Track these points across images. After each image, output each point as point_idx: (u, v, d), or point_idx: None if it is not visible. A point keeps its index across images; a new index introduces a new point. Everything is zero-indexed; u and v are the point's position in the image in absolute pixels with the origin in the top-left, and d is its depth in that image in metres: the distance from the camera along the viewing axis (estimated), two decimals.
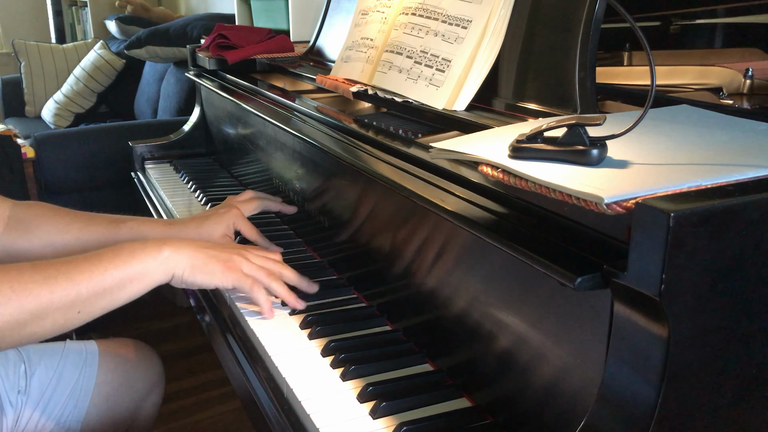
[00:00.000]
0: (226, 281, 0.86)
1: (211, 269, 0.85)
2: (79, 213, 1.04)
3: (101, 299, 0.76)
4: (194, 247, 0.86)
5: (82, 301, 0.75)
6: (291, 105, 1.16)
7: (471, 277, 0.70)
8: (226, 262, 0.86)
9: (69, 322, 0.75)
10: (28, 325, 0.72)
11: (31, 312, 0.71)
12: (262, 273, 0.89)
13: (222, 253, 0.87)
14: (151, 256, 0.81)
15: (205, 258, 0.85)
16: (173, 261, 0.83)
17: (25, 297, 0.71)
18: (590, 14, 0.76)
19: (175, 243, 0.84)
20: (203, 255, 0.85)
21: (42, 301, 0.72)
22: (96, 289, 0.75)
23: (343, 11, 1.34)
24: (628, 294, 0.49)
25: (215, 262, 0.86)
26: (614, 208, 0.48)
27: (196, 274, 0.84)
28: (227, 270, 0.86)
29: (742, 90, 0.88)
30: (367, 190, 0.91)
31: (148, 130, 2.40)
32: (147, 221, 1.06)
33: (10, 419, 0.99)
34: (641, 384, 0.49)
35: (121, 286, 0.78)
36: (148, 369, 1.14)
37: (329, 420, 0.69)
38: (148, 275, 0.80)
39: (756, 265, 0.49)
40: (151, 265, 0.81)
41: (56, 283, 0.73)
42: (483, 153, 0.63)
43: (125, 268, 0.78)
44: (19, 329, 0.71)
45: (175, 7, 4.06)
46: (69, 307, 0.74)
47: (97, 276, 0.76)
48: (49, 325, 0.73)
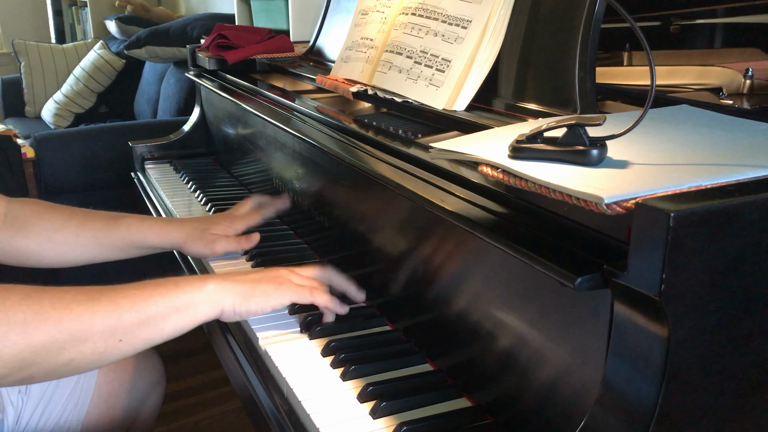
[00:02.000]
0: (283, 298, 0.82)
1: (263, 291, 0.81)
2: (76, 209, 1.03)
3: (145, 328, 0.73)
4: (238, 279, 0.81)
5: (125, 328, 0.71)
6: (291, 105, 1.16)
7: (471, 277, 0.70)
8: (275, 279, 0.82)
9: (110, 351, 0.71)
10: (66, 349, 0.67)
11: (71, 333, 0.67)
12: (314, 283, 0.85)
13: (267, 273, 0.83)
14: (197, 288, 0.77)
15: (252, 284, 0.81)
16: (219, 294, 0.78)
17: (66, 315, 0.67)
18: (590, 14, 0.76)
19: (218, 277, 0.81)
20: (249, 281, 0.81)
21: (83, 322, 0.68)
22: (140, 315, 0.72)
23: (343, 11, 1.34)
24: (628, 294, 0.49)
25: (265, 283, 0.81)
26: (614, 208, 0.48)
27: (250, 302, 0.80)
28: (280, 287, 0.82)
29: (742, 90, 0.88)
30: (367, 190, 0.91)
31: (148, 130, 2.40)
32: (145, 218, 1.06)
33: (10, 419, 0.99)
34: (641, 384, 0.49)
35: (166, 315, 0.74)
36: (148, 369, 1.14)
37: (329, 420, 0.69)
38: (194, 307, 0.77)
39: (756, 265, 0.49)
40: (198, 297, 0.77)
41: (99, 305, 0.69)
42: (483, 153, 0.63)
43: (171, 297, 0.75)
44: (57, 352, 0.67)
45: (175, 7, 4.06)
46: (111, 333, 0.70)
47: (141, 302, 0.72)
48: (89, 351, 0.69)
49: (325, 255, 1.07)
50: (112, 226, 1.02)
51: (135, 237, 1.02)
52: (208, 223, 1.07)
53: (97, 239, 1.01)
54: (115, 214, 1.04)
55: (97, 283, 0.74)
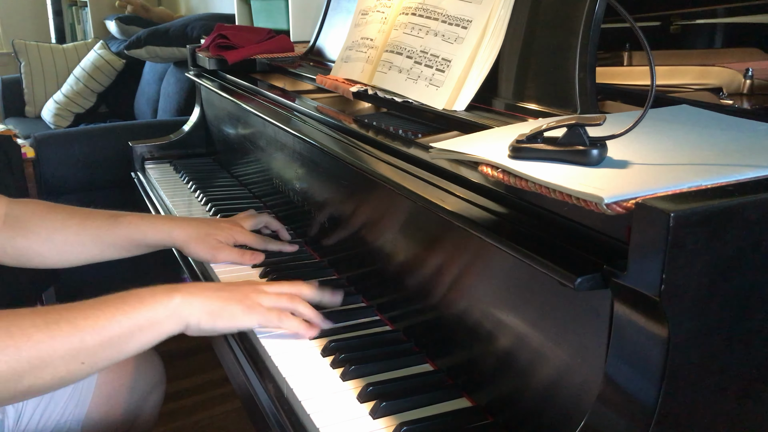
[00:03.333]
0: (250, 321, 0.80)
1: (230, 312, 0.79)
2: (76, 209, 1.02)
3: (107, 349, 0.71)
4: (207, 292, 0.79)
5: (86, 351, 0.69)
6: (291, 105, 1.16)
7: (471, 277, 0.70)
8: (243, 301, 0.80)
9: (71, 375, 0.69)
10: (26, 377, 0.65)
11: (29, 360, 0.65)
12: (284, 299, 0.83)
13: (237, 292, 0.81)
14: (161, 303, 0.75)
15: (220, 302, 0.78)
16: (186, 309, 0.76)
17: (24, 343, 0.64)
18: (590, 14, 0.76)
19: (186, 289, 0.78)
20: (218, 299, 0.79)
21: (42, 349, 0.65)
22: (101, 337, 0.69)
23: (343, 11, 1.34)
24: (628, 294, 0.49)
25: (233, 303, 0.79)
26: (614, 208, 0.48)
27: (216, 320, 0.78)
28: (248, 309, 0.80)
29: (742, 90, 0.88)
30: (367, 190, 0.91)
31: (148, 130, 2.40)
32: (146, 216, 1.05)
33: (11, 419, 0.99)
34: (641, 384, 0.49)
35: (129, 335, 0.72)
36: (148, 369, 1.14)
37: (329, 420, 0.69)
38: (158, 324, 0.74)
39: (756, 265, 0.49)
40: (162, 313, 0.74)
41: (58, 329, 0.67)
42: (483, 153, 0.63)
43: (133, 315, 0.72)
44: (16, 381, 0.64)
45: (175, 7, 4.06)
46: (72, 357, 0.68)
47: (103, 322, 0.70)
48: (48, 377, 0.67)
49: (325, 255, 1.07)
50: (113, 224, 1.01)
51: (135, 235, 1.01)
52: (212, 227, 1.05)
53: (98, 238, 1.00)
54: (116, 212, 1.03)
55: (99, 282, 0.73)
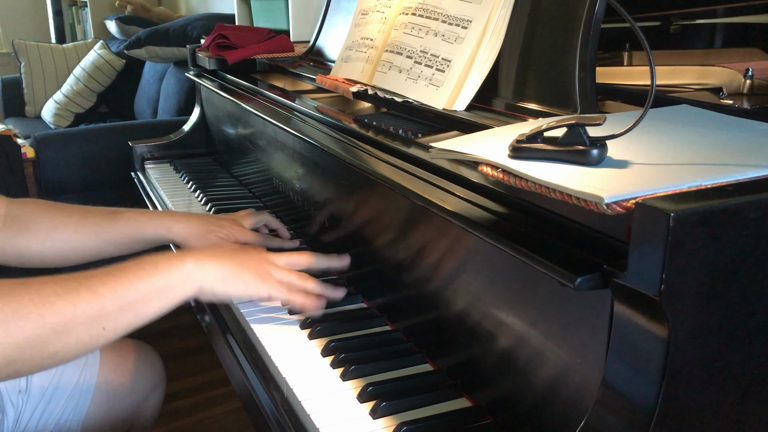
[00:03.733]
0: (261, 291, 0.82)
1: (244, 279, 0.81)
2: (75, 207, 1.03)
3: (126, 313, 0.72)
4: (219, 257, 0.80)
5: (107, 316, 0.71)
6: (291, 105, 1.16)
7: (471, 277, 0.70)
8: (256, 269, 0.82)
9: (94, 340, 0.71)
10: (51, 342, 0.67)
11: (53, 327, 0.67)
12: (294, 276, 0.85)
13: (249, 260, 0.83)
14: (176, 268, 0.77)
15: (234, 268, 0.80)
16: (199, 274, 0.78)
17: (47, 310, 0.66)
18: (590, 14, 0.76)
19: (197, 254, 0.80)
20: (232, 264, 0.81)
21: (65, 315, 0.67)
22: (120, 302, 0.71)
23: (343, 11, 1.34)
24: (628, 294, 0.49)
25: (247, 271, 0.81)
26: (614, 208, 0.48)
27: (229, 286, 0.80)
28: (260, 279, 0.81)
29: (742, 90, 0.88)
30: (367, 190, 0.91)
31: (148, 130, 2.40)
32: (145, 212, 1.05)
33: (10, 419, 0.99)
34: (641, 384, 0.49)
35: (146, 299, 0.74)
36: (149, 369, 1.14)
37: (329, 420, 0.69)
38: (174, 288, 0.76)
39: (756, 265, 0.49)
40: (177, 278, 0.77)
41: (79, 296, 0.69)
42: (483, 153, 0.63)
43: (149, 280, 0.74)
44: (41, 347, 0.67)
45: (175, 7, 4.06)
46: (93, 322, 0.70)
47: (121, 288, 0.72)
48: (72, 343, 0.69)
49: None
50: (112, 221, 1.01)
51: (134, 232, 1.01)
52: (213, 224, 1.04)
53: (97, 235, 1.00)
54: (115, 209, 1.03)
55: None
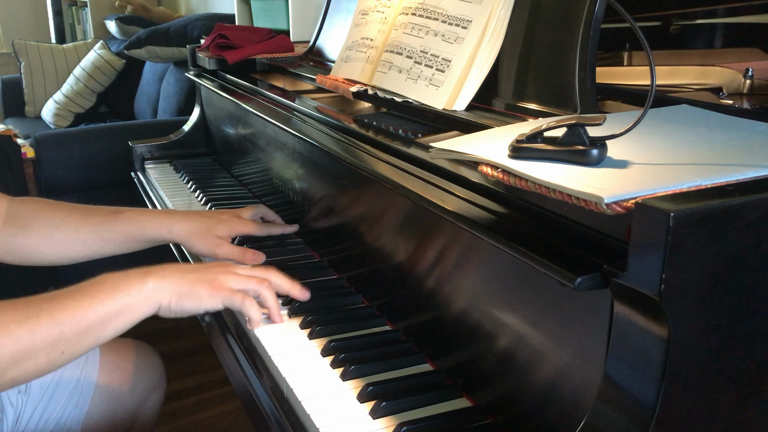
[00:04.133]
0: (215, 302, 0.82)
1: (197, 294, 0.81)
2: (75, 206, 1.03)
3: (86, 337, 0.73)
4: (178, 274, 0.81)
5: (66, 341, 0.71)
6: (291, 105, 1.16)
7: (471, 277, 0.70)
8: (211, 283, 0.82)
9: (52, 364, 0.71)
10: (9, 370, 0.67)
11: (12, 356, 0.66)
12: (252, 282, 0.85)
13: (207, 274, 0.84)
14: (135, 289, 0.77)
15: (189, 283, 0.81)
16: (158, 292, 0.79)
17: (6, 339, 0.66)
18: (590, 14, 0.76)
19: (158, 272, 0.80)
20: (187, 280, 0.81)
21: (23, 343, 0.67)
22: (80, 327, 0.72)
23: (343, 11, 1.34)
24: (628, 294, 0.49)
25: (201, 285, 0.82)
26: (614, 208, 0.48)
27: (183, 301, 0.81)
28: (213, 291, 0.82)
29: (742, 90, 0.88)
30: (367, 190, 0.91)
31: (148, 130, 2.40)
32: (145, 211, 1.06)
33: (10, 419, 0.99)
34: (641, 384, 0.49)
35: (105, 321, 0.74)
36: (148, 369, 1.14)
37: (329, 420, 0.69)
38: (133, 308, 0.77)
39: (756, 265, 0.49)
40: (136, 298, 0.77)
41: (38, 323, 0.68)
42: (483, 153, 0.63)
43: (109, 303, 0.74)
44: (0, 374, 0.66)
45: (175, 7, 4.06)
46: (52, 348, 0.70)
47: (81, 313, 0.72)
48: (31, 368, 0.69)
49: (325, 255, 1.07)
50: (112, 220, 1.01)
51: (135, 231, 1.02)
52: (212, 222, 1.06)
53: (98, 234, 1.01)
54: (116, 208, 1.04)
55: None
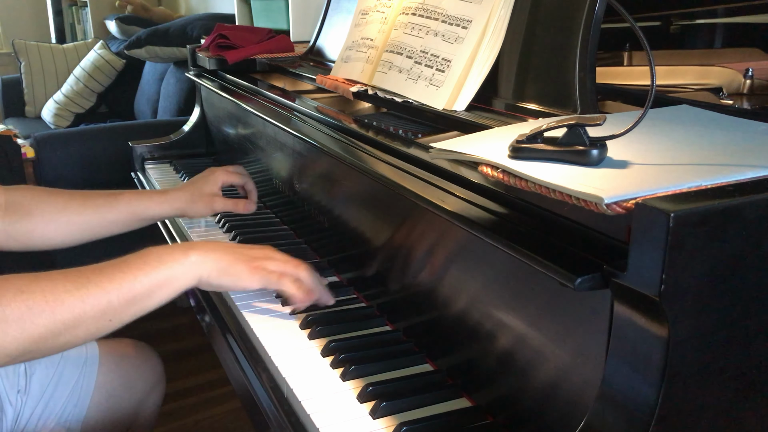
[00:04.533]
0: (252, 282, 0.85)
1: (237, 271, 0.84)
2: (73, 192, 1.07)
3: (132, 306, 0.76)
4: (221, 250, 0.84)
5: (113, 310, 0.75)
6: (291, 105, 1.16)
7: (471, 277, 0.70)
8: (250, 263, 0.85)
9: (101, 330, 0.75)
10: (62, 335, 0.72)
11: (64, 322, 0.71)
12: (290, 266, 0.87)
13: (245, 255, 0.86)
14: (178, 261, 0.80)
15: (230, 260, 0.84)
16: (200, 265, 0.82)
17: (59, 307, 0.71)
18: (590, 14, 0.76)
19: (202, 246, 0.83)
20: (229, 257, 0.84)
21: (75, 312, 0.72)
22: (126, 296, 0.75)
23: (343, 11, 1.34)
24: (628, 294, 0.49)
25: (241, 263, 0.84)
26: (614, 209, 0.48)
27: (222, 277, 0.83)
28: (252, 271, 0.84)
29: (742, 90, 0.88)
30: (367, 190, 0.91)
31: (148, 130, 2.40)
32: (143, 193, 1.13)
33: (10, 418, 0.99)
34: (641, 384, 0.49)
35: (150, 292, 0.78)
36: (148, 369, 1.14)
37: (329, 420, 0.69)
38: (176, 280, 0.80)
39: (756, 265, 0.49)
40: (178, 270, 0.80)
41: (88, 293, 0.73)
42: (483, 153, 0.63)
43: (154, 275, 0.78)
44: (53, 339, 0.71)
45: (175, 7, 4.06)
46: (101, 316, 0.74)
47: (127, 284, 0.76)
48: (82, 334, 0.74)
49: (325, 255, 1.07)
50: (113, 201, 1.07)
51: (138, 209, 1.08)
52: (200, 182, 1.17)
53: (101, 215, 1.06)
54: (113, 191, 1.09)
55: None
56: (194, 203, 1.14)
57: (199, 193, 1.15)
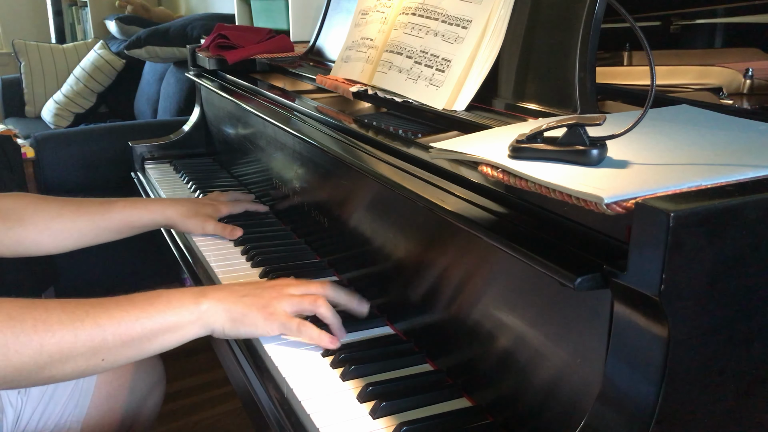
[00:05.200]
0: (270, 330, 0.80)
1: (252, 320, 0.79)
2: (66, 199, 1.08)
3: (128, 349, 0.72)
4: (233, 298, 0.80)
5: (108, 349, 0.70)
6: (291, 105, 1.16)
7: (471, 277, 0.70)
8: (265, 308, 0.80)
9: (91, 369, 0.71)
10: (47, 368, 0.67)
11: (51, 355, 0.67)
12: (306, 302, 0.82)
13: (260, 298, 0.81)
14: (187, 309, 0.76)
15: (243, 308, 0.79)
16: (212, 316, 0.78)
17: (48, 339, 0.66)
18: (590, 14, 0.76)
19: (213, 293, 0.79)
20: (242, 305, 0.80)
21: (64, 345, 0.67)
22: (123, 337, 0.71)
23: (343, 11, 1.34)
24: (628, 294, 0.49)
25: (255, 311, 0.80)
26: (614, 208, 0.48)
27: (239, 328, 0.79)
28: (269, 318, 0.80)
29: (742, 90, 0.88)
30: (367, 190, 0.91)
31: (148, 130, 2.40)
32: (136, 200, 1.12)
33: (10, 419, 0.99)
34: (641, 384, 0.49)
35: (151, 336, 0.73)
36: (148, 369, 1.14)
37: (329, 420, 0.69)
38: (183, 328, 0.76)
39: (756, 266, 0.49)
40: (186, 318, 0.76)
41: (82, 327, 0.69)
42: (483, 153, 0.63)
43: (158, 318, 0.73)
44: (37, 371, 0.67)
45: (175, 7, 4.06)
46: (93, 354, 0.70)
47: (127, 323, 0.71)
48: (69, 370, 0.69)
49: (325, 255, 1.07)
50: (107, 209, 1.07)
51: (131, 218, 1.09)
52: (198, 204, 1.19)
53: (94, 223, 1.06)
54: (106, 199, 1.10)
55: (99, 282, 0.74)
56: (188, 219, 1.15)
57: (195, 211, 1.15)
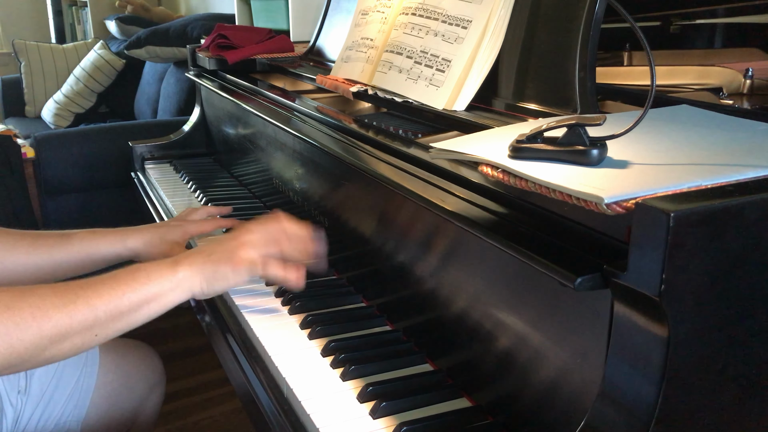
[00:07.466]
0: (239, 279, 0.84)
1: (223, 275, 0.83)
2: (24, 232, 1.02)
3: (118, 322, 0.77)
4: (202, 258, 0.84)
5: (100, 325, 0.75)
6: (291, 105, 1.16)
7: (471, 277, 0.70)
8: (231, 260, 0.84)
9: (86, 344, 0.76)
10: (47, 349, 0.72)
11: (50, 338, 0.72)
12: (270, 246, 0.86)
13: (225, 252, 0.85)
14: (167, 278, 0.80)
15: (213, 266, 0.83)
16: (189, 280, 0.82)
17: (46, 323, 0.71)
18: (590, 14, 0.76)
19: (185, 259, 0.83)
20: (211, 263, 0.83)
21: (61, 327, 0.72)
22: (113, 312, 0.76)
23: (343, 11, 1.34)
24: (628, 294, 0.49)
25: (223, 264, 0.84)
26: (614, 208, 0.48)
27: (213, 284, 0.83)
28: (236, 266, 0.84)
29: (742, 90, 0.88)
30: (367, 190, 0.91)
31: (148, 130, 2.40)
32: (97, 231, 1.05)
33: (10, 419, 0.99)
34: (641, 384, 0.49)
35: (137, 308, 0.78)
36: (148, 369, 1.14)
37: (329, 420, 0.69)
38: (165, 296, 0.80)
39: (756, 266, 0.49)
40: (166, 286, 0.80)
41: (75, 309, 0.73)
42: (483, 153, 0.63)
43: (142, 290, 0.78)
44: (39, 353, 0.72)
45: (175, 7, 4.06)
46: (87, 331, 0.75)
47: (115, 300, 0.76)
48: (67, 348, 0.74)
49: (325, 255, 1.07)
50: (65, 242, 1.01)
51: (90, 249, 1.02)
52: (164, 229, 1.08)
53: (51, 256, 1.01)
54: (67, 231, 1.04)
55: None
56: (153, 248, 1.05)
57: (159, 240, 1.06)
